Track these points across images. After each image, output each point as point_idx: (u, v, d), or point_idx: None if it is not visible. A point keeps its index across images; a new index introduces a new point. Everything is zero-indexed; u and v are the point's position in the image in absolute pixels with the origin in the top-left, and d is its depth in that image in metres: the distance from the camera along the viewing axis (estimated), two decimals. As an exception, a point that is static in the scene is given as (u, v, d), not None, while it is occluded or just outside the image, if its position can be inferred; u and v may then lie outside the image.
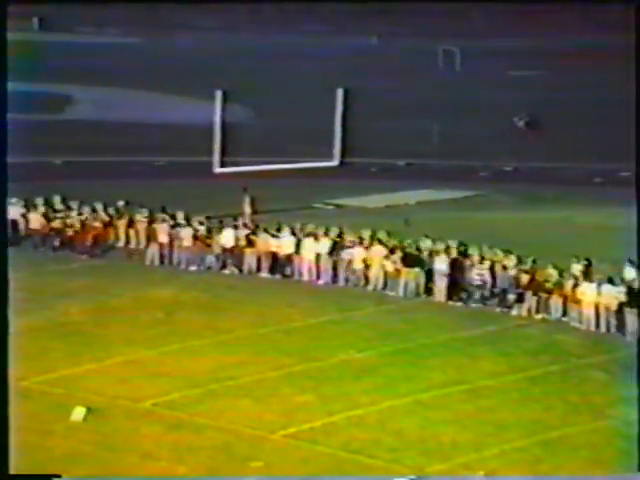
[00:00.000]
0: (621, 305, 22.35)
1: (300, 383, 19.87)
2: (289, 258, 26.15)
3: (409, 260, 25.02)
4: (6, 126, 15.93)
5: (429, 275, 24.76)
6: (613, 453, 17.31)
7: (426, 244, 25.29)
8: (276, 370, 20.43)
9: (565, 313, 23.06)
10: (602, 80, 52.42)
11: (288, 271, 26.13)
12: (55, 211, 27.83)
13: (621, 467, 16.86)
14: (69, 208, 27.87)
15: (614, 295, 22.42)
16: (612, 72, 54.38)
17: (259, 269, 26.35)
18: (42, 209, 27.86)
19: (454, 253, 24.64)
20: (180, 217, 27.16)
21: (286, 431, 18.10)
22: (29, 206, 27.91)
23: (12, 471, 14.85)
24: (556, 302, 23.11)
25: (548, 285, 23.13)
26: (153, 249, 26.96)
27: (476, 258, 24.39)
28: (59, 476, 15.63)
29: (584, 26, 63.49)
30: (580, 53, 58.78)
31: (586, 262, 23.34)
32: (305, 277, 25.99)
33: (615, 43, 60.20)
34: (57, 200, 27.97)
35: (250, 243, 26.51)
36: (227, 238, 26.66)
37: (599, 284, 22.67)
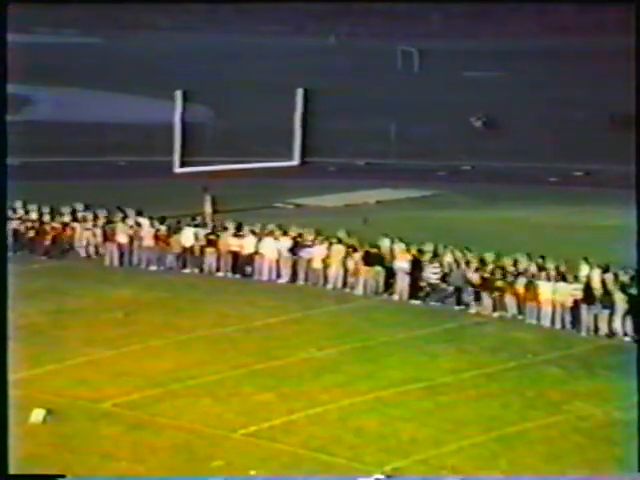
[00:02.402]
0: (576, 302, 22.68)
1: (260, 382, 19.96)
2: (249, 257, 26.23)
3: (369, 259, 25.21)
4: (5, 127, 15.97)
5: (389, 273, 24.96)
6: (568, 447, 17.59)
7: (385, 243, 25.49)
8: (236, 369, 20.50)
9: (521, 310, 23.36)
10: (557, 81, 53.01)
11: (248, 270, 26.22)
12: (15, 212, 27.70)
13: (575, 461, 17.12)
14: (28, 210, 27.76)
15: (569, 292, 22.74)
16: (566, 73, 55.02)
17: (219, 268, 26.41)
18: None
19: (414, 252, 24.85)
20: (140, 217, 27.16)
21: (246, 430, 18.18)
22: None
23: (12, 471, 14.82)
24: (511, 300, 23.41)
25: (501, 284, 23.43)
26: (112, 249, 26.92)
27: (433, 257, 24.63)
28: (61, 476, 15.64)
29: (539, 28, 64.17)
30: (536, 55, 59.41)
31: (541, 260, 23.65)
32: (265, 276, 26.09)
33: (569, 45, 60.94)
34: (17, 202, 27.84)
35: (210, 243, 26.56)
36: (187, 238, 26.69)
37: (554, 282, 22.98)
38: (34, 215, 27.65)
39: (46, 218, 27.63)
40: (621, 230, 29.97)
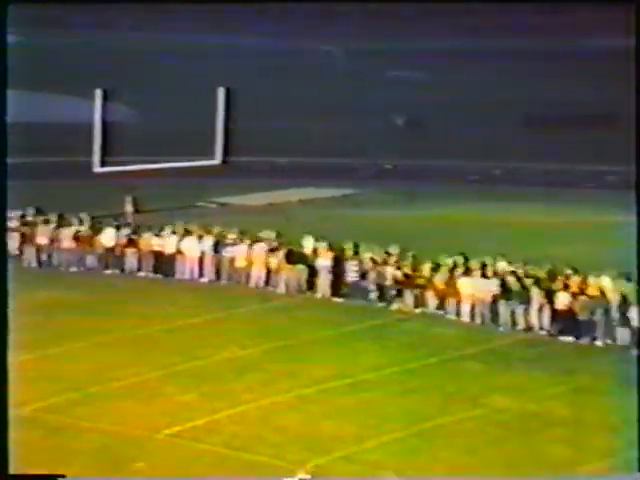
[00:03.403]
0: (495, 297, 23.07)
1: (183, 382, 19.93)
2: (171, 257, 26.15)
3: (292, 257, 25.32)
4: (6, 127, 15.79)
5: (312, 272, 25.10)
6: (486, 440, 17.91)
7: (308, 241, 25.62)
8: (159, 370, 20.44)
9: (442, 307, 23.68)
10: (477, 81, 53.79)
11: (170, 270, 26.13)
12: None
13: (492, 453, 17.44)
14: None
15: (488, 288, 23.12)
16: (486, 73, 55.87)
17: (141, 268, 26.28)
18: None
19: (336, 250, 25.02)
20: (61, 218, 26.90)
21: (169, 430, 18.15)
22: None
23: (12, 471, 14.59)
24: (432, 296, 23.72)
25: (421, 281, 23.74)
26: (31, 251, 26.62)
27: (355, 255, 24.83)
28: (62, 476, 15.47)
29: (459, 29, 65.01)
30: (457, 55, 60.18)
31: (461, 256, 24.00)
32: (187, 276, 26.04)
33: (489, 45, 61.93)
34: None
35: (132, 243, 26.41)
36: (108, 238, 26.51)
37: (474, 278, 23.34)
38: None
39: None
40: (538, 226, 30.63)
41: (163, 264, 26.19)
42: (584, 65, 56.19)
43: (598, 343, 22.02)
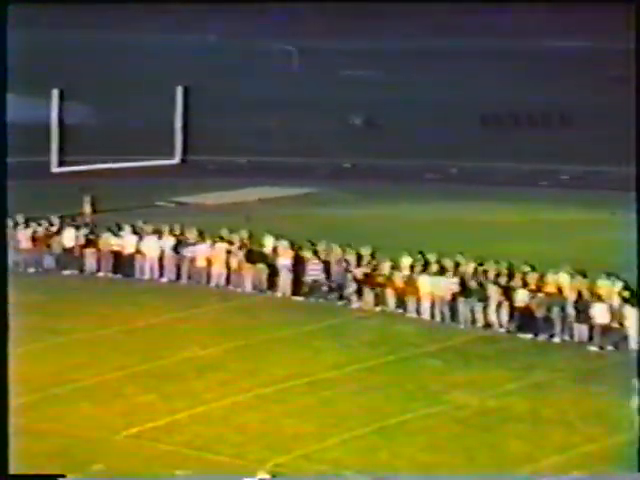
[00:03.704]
0: (454, 295, 23.24)
1: (143, 383, 19.88)
2: (131, 257, 26.05)
3: (252, 256, 25.32)
4: (6, 127, 15.67)
5: (272, 271, 25.11)
6: (446, 436, 18.06)
7: (268, 240, 25.63)
8: (118, 371, 20.36)
9: (402, 305, 23.80)
10: (431, 81, 54.13)
11: (130, 270, 26.03)
12: None
13: (452, 449, 17.59)
14: None
15: (447, 286, 23.28)
16: (443, 73, 56.21)
17: (100, 269, 26.15)
18: None
19: (296, 249, 25.06)
20: (18, 218, 26.68)
21: (128, 432, 18.09)
22: None
23: (12, 471, 14.42)
24: (392, 294, 23.84)
25: (381, 279, 23.85)
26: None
27: (314, 254, 24.88)
28: (61, 476, 15.35)
29: (413, 29, 65.33)
30: (410, 55, 60.49)
31: (420, 255, 24.14)
32: (147, 276, 25.95)
33: (443, 45, 62.33)
34: None
35: (91, 243, 26.27)
36: (67, 238, 26.34)
37: (433, 276, 23.49)
38: None
39: None
40: (495, 224, 30.89)
41: (123, 264, 26.08)
42: (538, 66, 56.74)
43: (556, 340, 22.26)
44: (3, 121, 15.99)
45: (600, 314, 21.81)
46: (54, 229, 26.58)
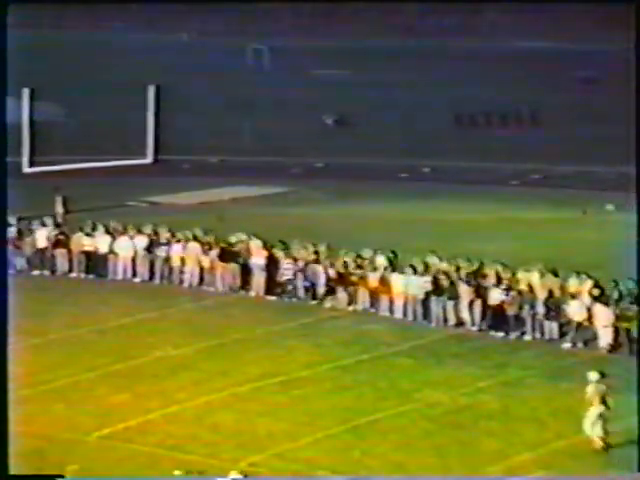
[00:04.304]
0: (427, 294, 23.33)
1: (115, 383, 19.83)
2: (104, 257, 25.98)
3: (225, 256, 25.32)
4: (6, 127, 15.54)
5: (245, 270, 25.12)
6: (418, 434, 18.14)
7: (241, 239, 25.62)
8: (90, 371, 20.31)
9: (375, 304, 23.88)
10: (401, 80, 54.34)
11: (103, 270, 25.96)
12: None
13: (424, 447, 17.68)
14: None
15: (420, 285, 23.37)
16: (411, 72, 56.42)
17: (72, 269, 26.05)
18: None
19: (269, 248, 25.08)
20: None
21: (101, 432, 18.05)
22: None
23: (12, 471, 14.26)
24: (365, 294, 23.91)
25: (354, 278, 23.92)
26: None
27: (287, 253, 24.91)
28: (61, 476, 15.24)
29: (382, 29, 65.52)
30: (380, 54, 60.66)
31: (392, 254, 24.23)
32: (120, 276, 25.89)
33: (411, 45, 62.54)
34: None
35: (61, 243, 26.17)
36: (39, 239, 26.23)
37: (406, 275, 23.58)
38: None
39: None
40: (467, 223, 31.03)
41: (95, 264, 25.99)
42: (507, 66, 57.06)
43: (527, 337, 22.41)
44: (3, 121, 15.93)
45: (575, 311, 21.96)
46: (25, 230, 26.43)
